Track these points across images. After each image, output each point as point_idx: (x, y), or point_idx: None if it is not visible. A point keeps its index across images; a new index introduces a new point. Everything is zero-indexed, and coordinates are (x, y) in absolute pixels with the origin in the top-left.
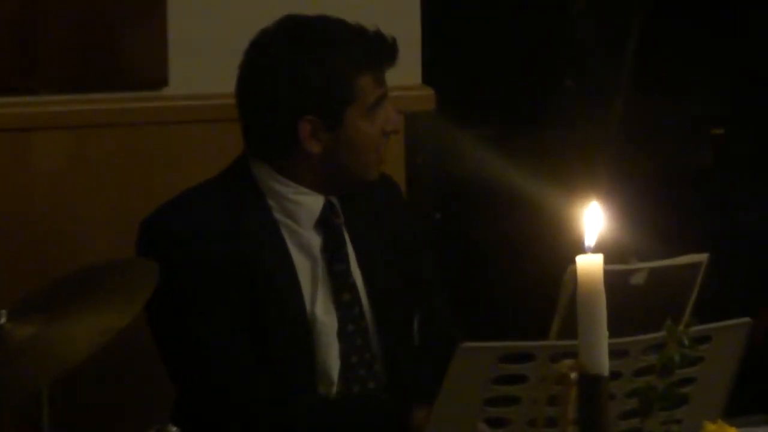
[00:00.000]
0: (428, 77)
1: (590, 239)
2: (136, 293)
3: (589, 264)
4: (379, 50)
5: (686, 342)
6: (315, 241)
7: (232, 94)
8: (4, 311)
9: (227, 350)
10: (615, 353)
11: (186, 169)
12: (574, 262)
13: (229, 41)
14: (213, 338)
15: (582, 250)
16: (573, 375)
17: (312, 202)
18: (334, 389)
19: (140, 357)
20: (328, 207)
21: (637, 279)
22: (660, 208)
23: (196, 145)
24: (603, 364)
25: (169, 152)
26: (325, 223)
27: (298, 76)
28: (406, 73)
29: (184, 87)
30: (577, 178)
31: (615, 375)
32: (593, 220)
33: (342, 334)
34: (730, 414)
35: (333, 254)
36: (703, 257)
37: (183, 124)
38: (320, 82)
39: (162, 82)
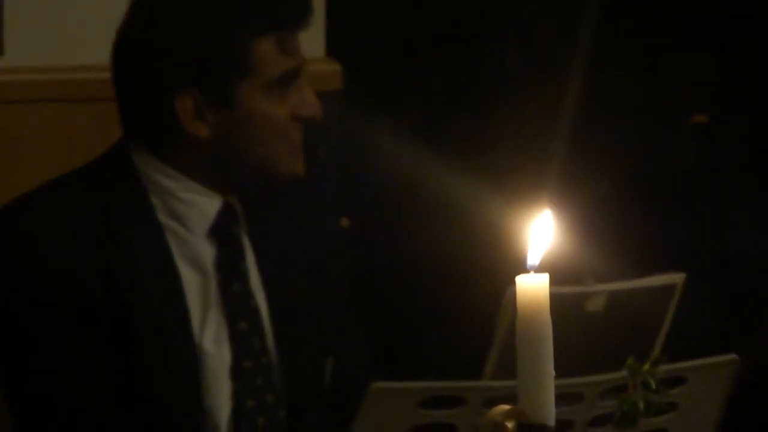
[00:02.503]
0: (333, 49)
1: (534, 255)
2: None
3: (532, 285)
4: (285, 7)
5: (653, 384)
6: (207, 252)
7: (89, 67)
8: None
9: (83, 397)
10: (565, 397)
11: (25, 162)
12: (514, 283)
13: None
14: (65, 380)
15: (524, 268)
16: (510, 425)
17: (206, 204)
18: None
19: None
20: (226, 210)
21: (595, 304)
22: (625, 216)
23: (40, 131)
24: (548, 411)
25: (9, 138)
26: (221, 231)
27: (174, 38)
28: (305, 42)
29: (25, 57)
30: (521, 177)
31: (564, 425)
32: (539, 230)
33: (236, 372)
34: None
35: (229, 270)
36: (678, 278)
37: (22, 104)
38: (200, 46)
39: None
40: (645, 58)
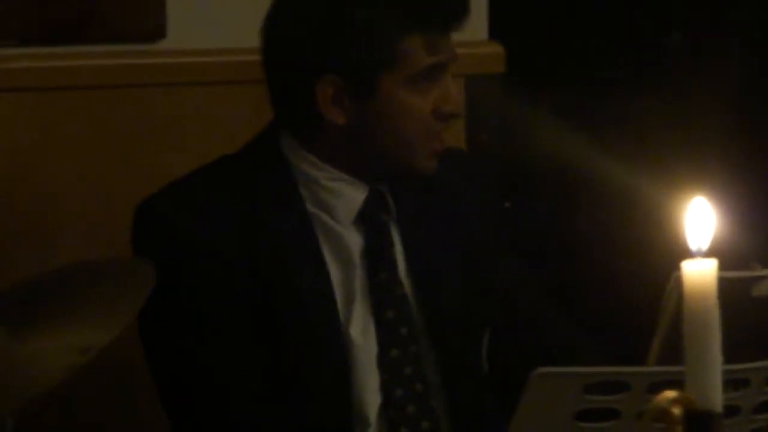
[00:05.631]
0: (496, 31)
1: (700, 240)
2: (125, 301)
3: (700, 271)
4: (438, 10)
5: None
6: (354, 241)
7: (250, 49)
8: None
9: (235, 381)
10: (731, 383)
11: (188, 144)
12: (678, 268)
13: None
14: (218, 364)
15: (689, 253)
16: (677, 411)
17: (351, 192)
18: None
19: (129, 381)
20: (373, 199)
21: (761, 289)
22: None
23: (200, 113)
24: (715, 397)
25: (167, 121)
26: (368, 219)
27: (322, 25)
28: (468, 25)
29: (186, 40)
30: (682, 159)
31: (731, 411)
32: (702, 215)
33: (383, 362)
34: None
35: (376, 259)
36: None
37: (184, 86)
38: (347, 35)
39: (158, 33)
40: None
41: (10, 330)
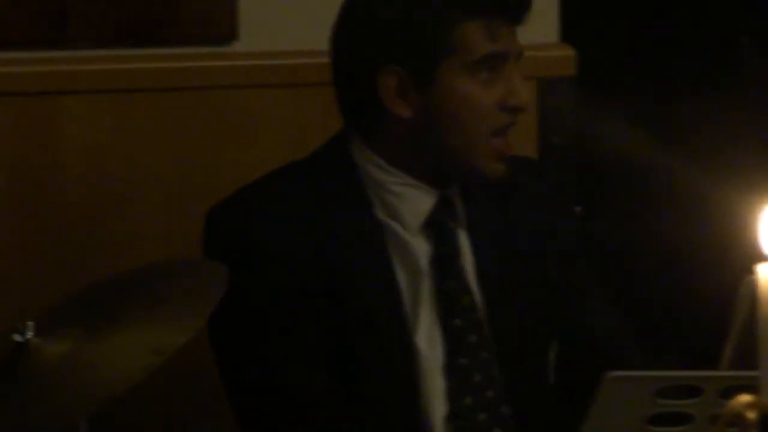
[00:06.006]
0: (568, 34)
1: None
2: (199, 303)
3: None
4: None
5: None
6: (421, 249)
7: (320, 52)
8: (30, 323)
9: (304, 387)
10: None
11: (259, 145)
12: (751, 271)
13: None
14: (287, 370)
15: (763, 257)
16: (752, 415)
17: (419, 198)
18: None
19: (204, 383)
20: (441, 205)
21: None
22: None
23: (271, 115)
24: None
25: (238, 124)
26: (435, 226)
27: (383, 13)
28: (539, 27)
29: (258, 42)
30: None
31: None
32: None
33: (451, 370)
34: None
35: (443, 267)
36: None
37: (255, 89)
38: (407, 24)
39: (229, 36)
40: None
41: (86, 330)
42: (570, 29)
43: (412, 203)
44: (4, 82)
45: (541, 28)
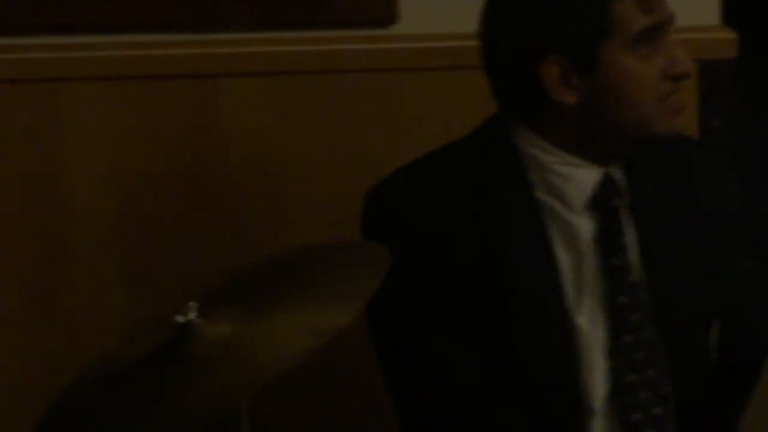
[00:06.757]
0: (729, 16)
1: None
2: (360, 284)
3: None
4: None
5: None
6: (585, 228)
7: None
8: (193, 304)
9: (463, 368)
10: None
11: (418, 128)
12: None
13: None
14: (446, 350)
15: None
16: None
17: (584, 176)
18: (595, 422)
19: (366, 365)
20: (605, 183)
21: None
22: None
23: (431, 99)
24: None
25: (397, 107)
26: (599, 204)
27: (537, 5)
28: (699, 10)
29: (419, 25)
30: None
31: None
32: None
33: (615, 349)
34: None
35: (607, 246)
36: None
37: (415, 72)
38: (561, 10)
39: (390, 18)
40: None
41: (247, 311)
42: (732, 12)
43: (576, 182)
44: (160, 65)
45: (702, 10)
